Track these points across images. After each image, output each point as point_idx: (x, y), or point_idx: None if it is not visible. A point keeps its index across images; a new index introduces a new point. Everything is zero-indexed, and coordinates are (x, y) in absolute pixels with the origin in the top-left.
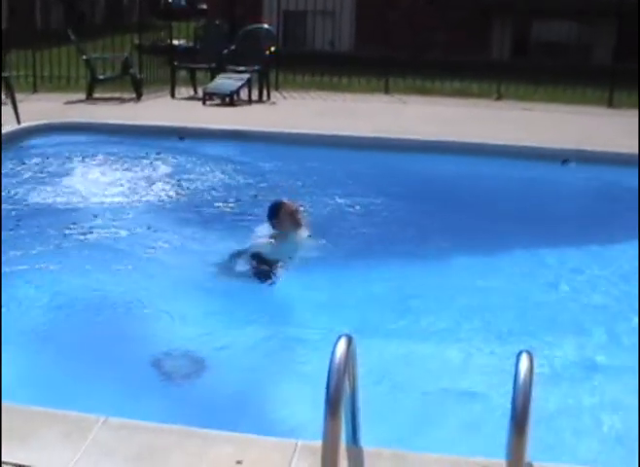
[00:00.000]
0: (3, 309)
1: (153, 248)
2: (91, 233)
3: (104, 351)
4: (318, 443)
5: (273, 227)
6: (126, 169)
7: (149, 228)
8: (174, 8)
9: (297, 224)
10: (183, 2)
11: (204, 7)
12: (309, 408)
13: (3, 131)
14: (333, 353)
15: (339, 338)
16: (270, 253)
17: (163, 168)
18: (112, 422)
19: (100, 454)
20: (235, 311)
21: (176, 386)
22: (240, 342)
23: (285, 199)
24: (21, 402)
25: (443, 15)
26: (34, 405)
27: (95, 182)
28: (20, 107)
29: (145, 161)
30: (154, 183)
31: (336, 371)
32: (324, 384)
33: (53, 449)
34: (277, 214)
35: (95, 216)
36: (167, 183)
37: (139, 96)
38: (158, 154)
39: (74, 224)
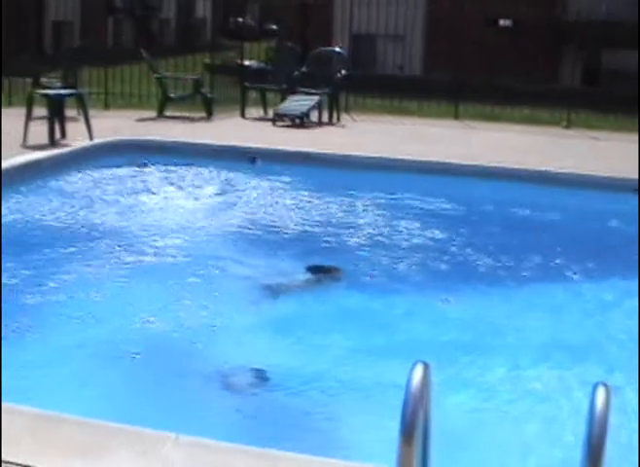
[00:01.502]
0: (69, 325)
1: (218, 269)
2: (159, 252)
3: (173, 369)
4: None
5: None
6: (196, 189)
7: (214, 248)
8: (244, 28)
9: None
10: (252, 22)
11: (274, 28)
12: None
13: (75, 147)
14: (408, 380)
15: (415, 364)
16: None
17: (233, 189)
18: (183, 440)
19: None
20: (299, 331)
21: (244, 404)
22: (306, 361)
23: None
24: (95, 417)
25: (514, 40)
26: (107, 421)
27: (164, 201)
28: (92, 123)
29: (215, 181)
30: (223, 204)
31: (411, 398)
32: (390, 407)
33: (125, 465)
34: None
35: (163, 236)
36: (236, 204)
37: (210, 116)
38: (226, 177)
39: (142, 243)
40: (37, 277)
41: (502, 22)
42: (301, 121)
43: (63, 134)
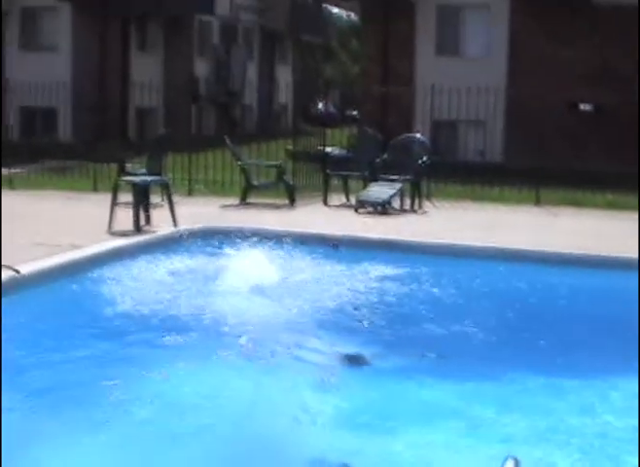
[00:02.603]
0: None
1: (301, 354)
2: (238, 343)
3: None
4: None
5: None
6: (281, 277)
7: (292, 333)
8: (325, 114)
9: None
10: (332, 109)
11: (355, 113)
12: None
13: (160, 233)
14: None
15: (506, 459)
16: None
17: (314, 275)
18: None
19: None
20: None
21: None
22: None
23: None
24: None
25: (595, 124)
26: None
27: (246, 289)
28: (176, 210)
29: (297, 268)
30: (304, 289)
31: None
32: None
33: None
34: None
35: (246, 325)
36: (317, 290)
37: (292, 203)
38: (308, 264)
39: (224, 334)
40: (122, 362)
41: (582, 107)
42: (383, 208)
43: (148, 221)
